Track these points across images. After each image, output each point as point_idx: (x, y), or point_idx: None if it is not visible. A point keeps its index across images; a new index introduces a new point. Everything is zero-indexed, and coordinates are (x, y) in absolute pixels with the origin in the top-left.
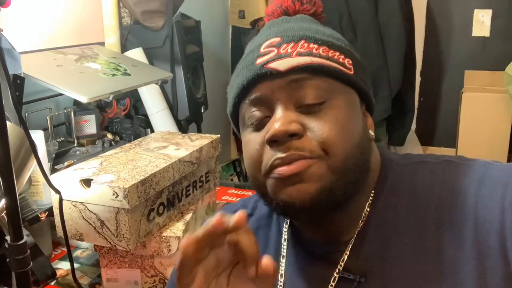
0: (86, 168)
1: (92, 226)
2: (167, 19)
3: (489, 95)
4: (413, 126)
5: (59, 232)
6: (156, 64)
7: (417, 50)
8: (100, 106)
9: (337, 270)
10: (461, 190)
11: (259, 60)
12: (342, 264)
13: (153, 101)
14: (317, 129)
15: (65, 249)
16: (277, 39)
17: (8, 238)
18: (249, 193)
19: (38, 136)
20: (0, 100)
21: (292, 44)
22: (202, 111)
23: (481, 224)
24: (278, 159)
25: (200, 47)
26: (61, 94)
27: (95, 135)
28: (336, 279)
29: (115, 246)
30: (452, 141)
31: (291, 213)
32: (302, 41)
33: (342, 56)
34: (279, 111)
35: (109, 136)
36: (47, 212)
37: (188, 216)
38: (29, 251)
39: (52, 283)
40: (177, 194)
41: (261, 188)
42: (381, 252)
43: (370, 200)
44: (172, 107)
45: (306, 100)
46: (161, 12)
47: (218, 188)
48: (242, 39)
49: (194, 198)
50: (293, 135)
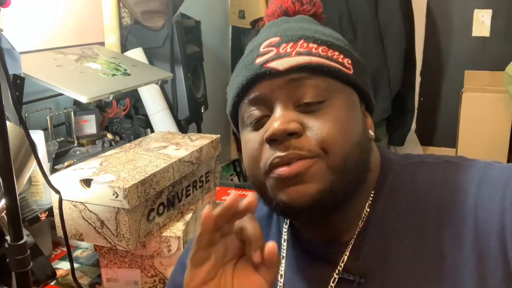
0: (86, 168)
1: (92, 226)
2: (167, 19)
3: (489, 95)
4: (413, 126)
5: (59, 232)
6: (156, 64)
7: (417, 50)
8: (100, 106)
9: (337, 271)
10: (461, 190)
11: (259, 60)
12: (342, 265)
13: (153, 101)
14: (316, 128)
15: (65, 249)
16: (276, 39)
17: (8, 238)
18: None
19: (38, 136)
20: (0, 100)
21: (291, 44)
22: (202, 111)
23: (481, 225)
24: (277, 158)
25: (200, 47)
26: (61, 94)
27: (95, 135)
28: (336, 280)
29: (115, 246)
30: (452, 141)
31: (290, 214)
32: (302, 41)
33: (342, 56)
34: (278, 110)
35: (109, 136)
36: (47, 212)
37: (188, 216)
38: (29, 251)
39: (52, 283)
40: (177, 194)
41: (260, 188)
42: (381, 253)
43: (370, 200)
44: (172, 107)
45: (305, 99)
46: (161, 12)
47: (218, 188)
48: (242, 39)
49: (194, 198)
50: (292, 134)
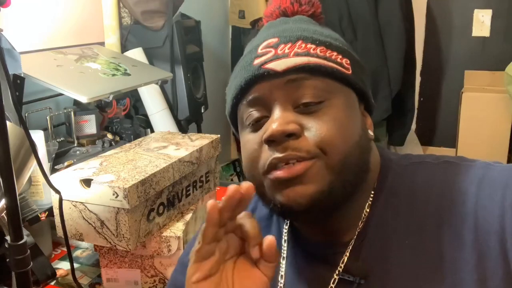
0: (86, 168)
1: (92, 226)
2: (167, 19)
3: (489, 95)
4: (413, 126)
5: (59, 232)
6: (156, 64)
7: (417, 50)
8: (100, 106)
9: (337, 272)
10: (461, 191)
11: (257, 61)
12: (342, 265)
13: (153, 101)
14: (315, 129)
15: (65, 249)
16: (274, 40)
17: (8, 238)
18: None
19: (38, 136)
20: (0, 100)
21: (289, 45)
22: (202, 111)
23: (481, 225)
24: (275, 159)
25: (200, 47)
26: (61, 94)
27: (95, 135)
28: (336, 281)
29: (115, 246)
30: (452, 141)
31: (289, 214)
32: (300, 42)
33: (340, 56)
34: (277, 111)
35: (109, 136)
36: (47, 212)
37: (188, 216)
38: (29, 251)
39: (52, 283)
40: (177, 194)
41: (259, 189)
42: (381, 253)
43: (370, 200)
44: (172, 107)
45: (303, 99)
46: (161, 12)
47: (218, 188)
48: (242, 39)
49: (194, 198)
50: (290, 135)
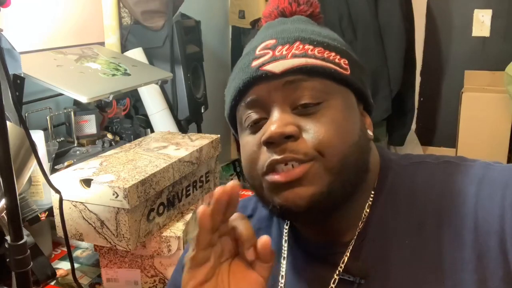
0: (86, 168)
1: (92, 226)
2: (167, 19)
3: (489, 95)
4: (413, 126)
5: (59, 232)
6: (156, 64)
7: (417, 50)
8: (100, 106)
9: (337, 272)
10: (461, 191)
11: (255, 63)
12: (342, 265)
13: (153, 101)
14: (313, 131)
15: (65, 249)
16: (272, 41)
17: (8, 238)
18: (249, 193)
19: (38, 136)
20: (0, 100)
21: (287, 46)
22: (202, 111)
23: (481, 225)
24: (273, 160)
25: (200, 47)
26: (61, 94)
27: (95, 135)
28: (337, 281)
29: (115, 246)
30: (452, 141)
31: (288, 216)
32: (297, 43)
33: (338, 57)
34: (275, 113)
35: (109, 136)
36: (47, 212)
37: (188, 216)
38: (29, 251)
39: (52, 283)
40: (177, 194)
41: (258, 190)
42: (381, 253)
43: (370, 201)
44: (172, 107)
45: (301, 101)
46: (161, 12)
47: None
48: (242, 39)
49: (194, 198)
50: (289, 137)
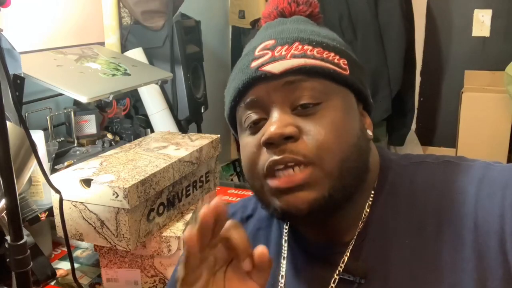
0: (86, 168)
1: (92, 226)
2: (167, 19)
3: (489, 95)
4: (413, 126)
5: (59, 232)
6: (156, 64)
7: (417, 50)
8: (100, 106)
9: (337, 272)
10: (461, 190)
11: (254, 63)
12: (342, 265)
13: (153, 101)
14: (313, 132)
15: (65, 249)
16: (271, 42)
17: (8, 238)
18: (249, 193)
19: (38, 136)
20: (0, 100)
21: (286, 47)
22: (202, 111)
23: (480, 225)
24: (273, 161)
25: (200, 47)
26: (61, 94)
27: (95, 135)
28: (337, 281)
29: (115, 246)
30: (452, 141)
31: (288, 218)
32: (297, 43)
33: (337, 57)
34: (275, 114)
35: (109, 136)
36: (47, 212)
37: (188, 216)
38: (29, 251)
39: (52, 283)
40: (177, 194)
41: (259, 191)
42: (381, 253)
43: (370, 200)
44: (172, 107)
45: (301, 101)
46: (161, 12)
47: (218, 188)
48: (242, 39)
49: (194, 198)
50: (288, 138)
